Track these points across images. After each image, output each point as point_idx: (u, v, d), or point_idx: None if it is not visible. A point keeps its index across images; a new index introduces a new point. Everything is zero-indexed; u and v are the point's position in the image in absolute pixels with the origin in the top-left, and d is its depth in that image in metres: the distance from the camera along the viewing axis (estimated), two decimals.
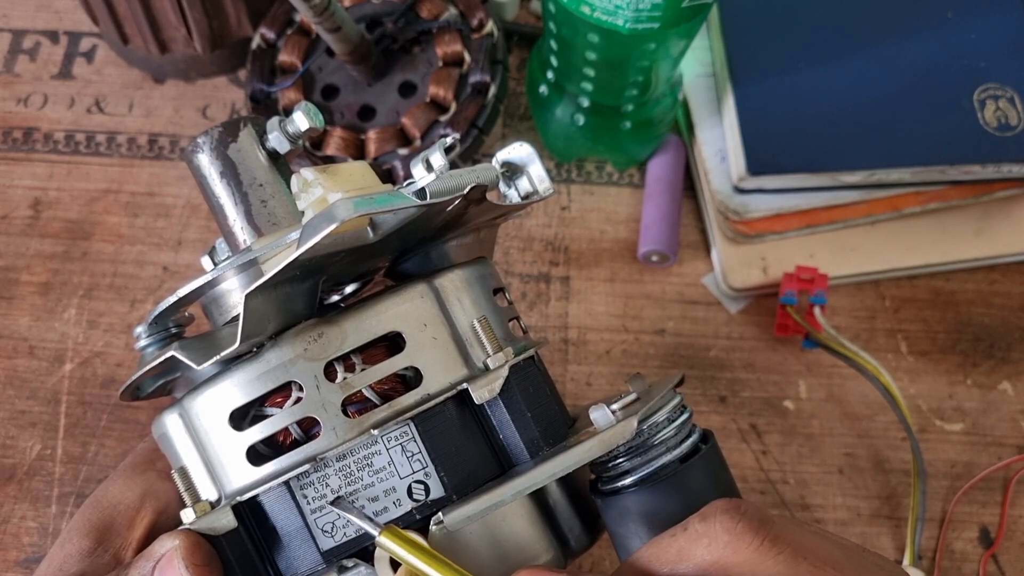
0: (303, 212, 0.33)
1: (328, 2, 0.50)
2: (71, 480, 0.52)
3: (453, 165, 0.33)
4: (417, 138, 0.57)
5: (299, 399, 0.30)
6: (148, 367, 0.31)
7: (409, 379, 0.32)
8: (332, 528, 0.31)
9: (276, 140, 0.34)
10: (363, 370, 0.31)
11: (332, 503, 0.30)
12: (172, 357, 0.30)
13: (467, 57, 0.58)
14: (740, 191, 0.55)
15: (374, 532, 0.29)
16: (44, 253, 0.58)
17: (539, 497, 0.33)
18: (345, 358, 0.31)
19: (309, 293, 0.31)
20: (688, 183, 0.60)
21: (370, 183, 0.33)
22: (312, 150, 0.57)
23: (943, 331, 0.56)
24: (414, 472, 0.31)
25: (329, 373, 0.30)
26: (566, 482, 0.34)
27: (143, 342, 0.34)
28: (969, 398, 0.54)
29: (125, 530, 0.33)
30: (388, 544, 0.28)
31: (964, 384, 0.54)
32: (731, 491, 0.33)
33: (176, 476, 0.32)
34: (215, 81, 0.64)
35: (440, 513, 0.29)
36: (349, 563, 0.30)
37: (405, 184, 0.32)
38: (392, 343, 0.32)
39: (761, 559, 0.28)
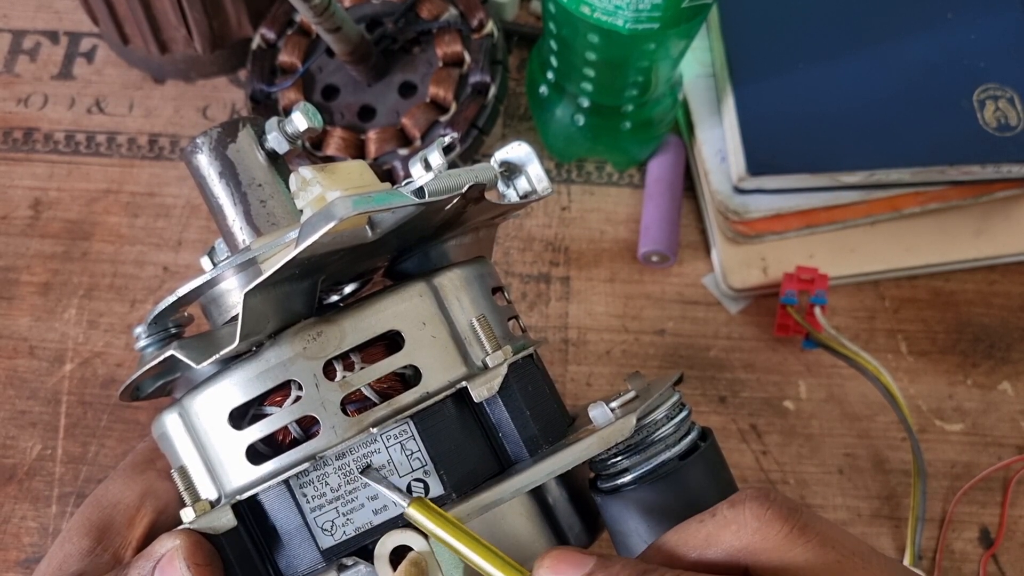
0: (302, 211, 0.33)
1: (328, 2, 0.51)
2: (71, 480, 0.52)
3: (452, 165, 0.33)
4: (417, 138, 0.57)
5: (298, 398, 0.30)
6: (147, 367, 0.31)
7: (408, 378, 0.32)
8: (332, 527, 0.31)
9: (275, 140, 0.34)
10: (362, 369, 0.31)
11: (362, 472, 0.30)
12: (171, 357, 0.30)
13: (467, 57, 0.58)
14: (740, 191, 0.55)
15: (403, 503, 0.29)
16: (44, 253, 0.58)
17: (538, 495, 0.33)
18: (344, 357, 0.31)
19: (308, 292, 0.31)
20: (688, 183, 0.60)
21: (368, 182, 0.33)
22: (312, 150, 0.57)
23: (943, 331, 0.56)
24: (413, 470, 0.31)
25: (328, 372, 0.30)
26: (565, 480, 0.34)
27: (143, 342, 0.34)
28: (969, 398, 0.54)
29: (125, 529, 0.33)
30: (416, 516, 0.28)
31: (964, 384, 0.54)
32: (731, 488, 0.33)
33: (176, 475, 0.32)
34: (215, 81, 0.64)
35: None
36: (348, 562, 0.30)
37: (404, 183, 0.32)
38: (391, 342, 0.32)
39: (790, 546, 0.28)
